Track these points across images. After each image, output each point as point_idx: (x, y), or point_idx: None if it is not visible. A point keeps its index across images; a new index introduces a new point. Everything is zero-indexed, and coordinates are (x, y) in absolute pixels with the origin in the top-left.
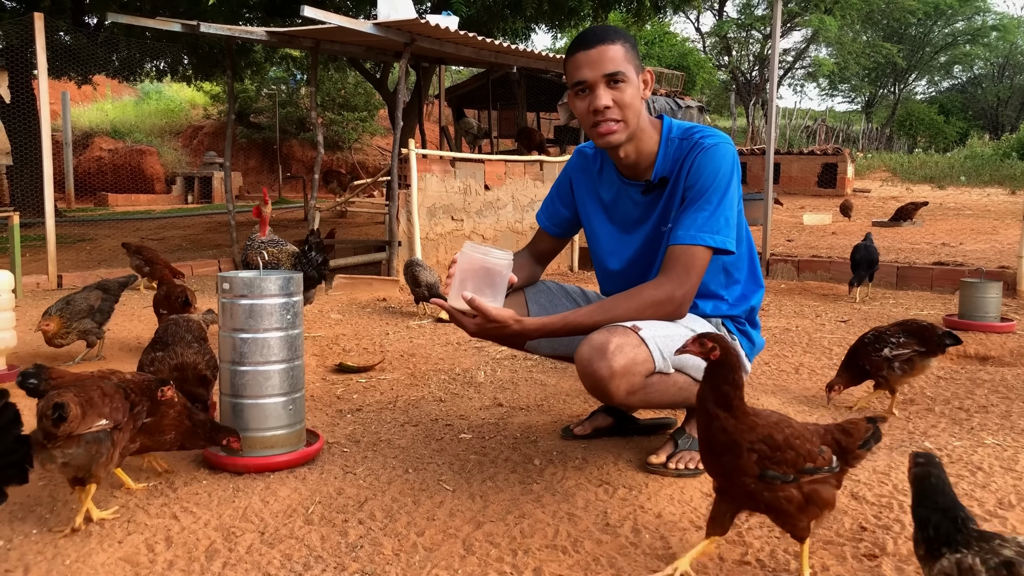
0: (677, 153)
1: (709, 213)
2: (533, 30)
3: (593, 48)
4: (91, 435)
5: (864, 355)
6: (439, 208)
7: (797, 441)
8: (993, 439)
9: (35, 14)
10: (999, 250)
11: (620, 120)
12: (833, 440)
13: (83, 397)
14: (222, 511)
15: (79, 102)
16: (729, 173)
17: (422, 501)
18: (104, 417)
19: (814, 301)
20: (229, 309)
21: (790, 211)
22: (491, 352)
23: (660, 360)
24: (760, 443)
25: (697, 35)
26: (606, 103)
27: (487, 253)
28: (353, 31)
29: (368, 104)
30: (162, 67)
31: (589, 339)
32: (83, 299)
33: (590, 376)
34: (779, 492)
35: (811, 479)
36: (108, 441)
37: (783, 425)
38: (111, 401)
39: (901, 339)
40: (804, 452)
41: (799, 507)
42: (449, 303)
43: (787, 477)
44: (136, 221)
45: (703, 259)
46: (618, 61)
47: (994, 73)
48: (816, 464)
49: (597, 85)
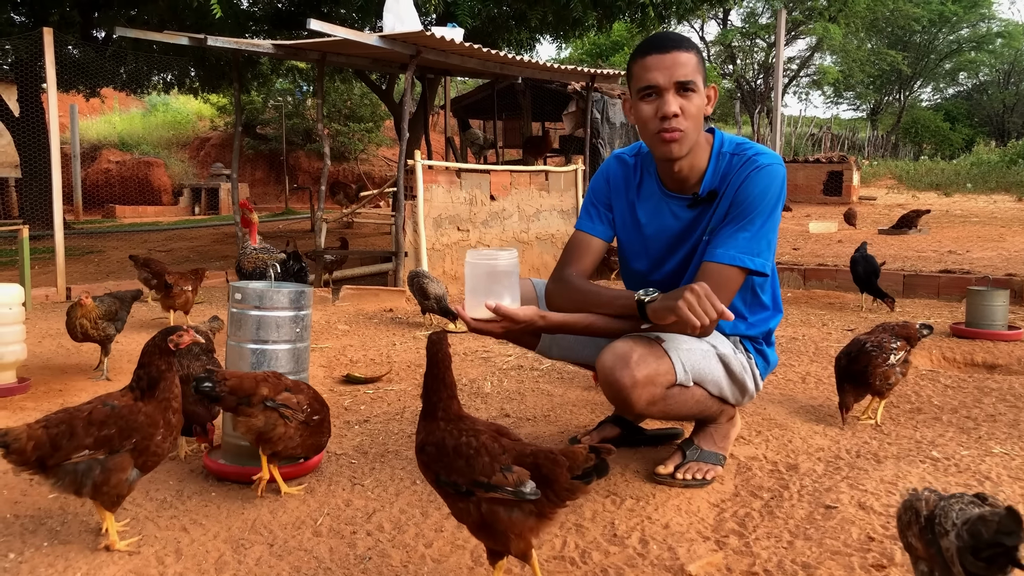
0: (728, 168)
1: (751, 234)
2: (538, 40)
3: (668, 53)
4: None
5: (874, 367)
6: (445, 219)
7: (471, 451)
8: (1001, 448)
9: (44, 29)
10: (1006, 257)
11: (684, 130)
12: (534, 464)
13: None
14: (231, 523)
15: (87, 115)
16: (777, 195)
17: (430, 513)
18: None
19: (820, 310)
20: (239, 319)
21: (796, 219)
22: (497, 362)
23: (682, 373)
24: (431, 445)
25: (702, 44)
26: (675, 110)
27: (494, 257)
28: (359, 43)
29: (374, 115)
30: (169, 79)
31: (612, 347)
32: (111, 302)
33: (612, 384)
34: (458, 503)
35: (488, 496)
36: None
37: (466, 433)
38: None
39: (896, 343)
40: (477, 464)
41: (477, 525)
42: (470, 316)
43: (459, 487)
44: (144, 233)
45: (737, 280)
46: (691, 69)
47: (999, 80)
48: (492, 480)
49: (668, 90)
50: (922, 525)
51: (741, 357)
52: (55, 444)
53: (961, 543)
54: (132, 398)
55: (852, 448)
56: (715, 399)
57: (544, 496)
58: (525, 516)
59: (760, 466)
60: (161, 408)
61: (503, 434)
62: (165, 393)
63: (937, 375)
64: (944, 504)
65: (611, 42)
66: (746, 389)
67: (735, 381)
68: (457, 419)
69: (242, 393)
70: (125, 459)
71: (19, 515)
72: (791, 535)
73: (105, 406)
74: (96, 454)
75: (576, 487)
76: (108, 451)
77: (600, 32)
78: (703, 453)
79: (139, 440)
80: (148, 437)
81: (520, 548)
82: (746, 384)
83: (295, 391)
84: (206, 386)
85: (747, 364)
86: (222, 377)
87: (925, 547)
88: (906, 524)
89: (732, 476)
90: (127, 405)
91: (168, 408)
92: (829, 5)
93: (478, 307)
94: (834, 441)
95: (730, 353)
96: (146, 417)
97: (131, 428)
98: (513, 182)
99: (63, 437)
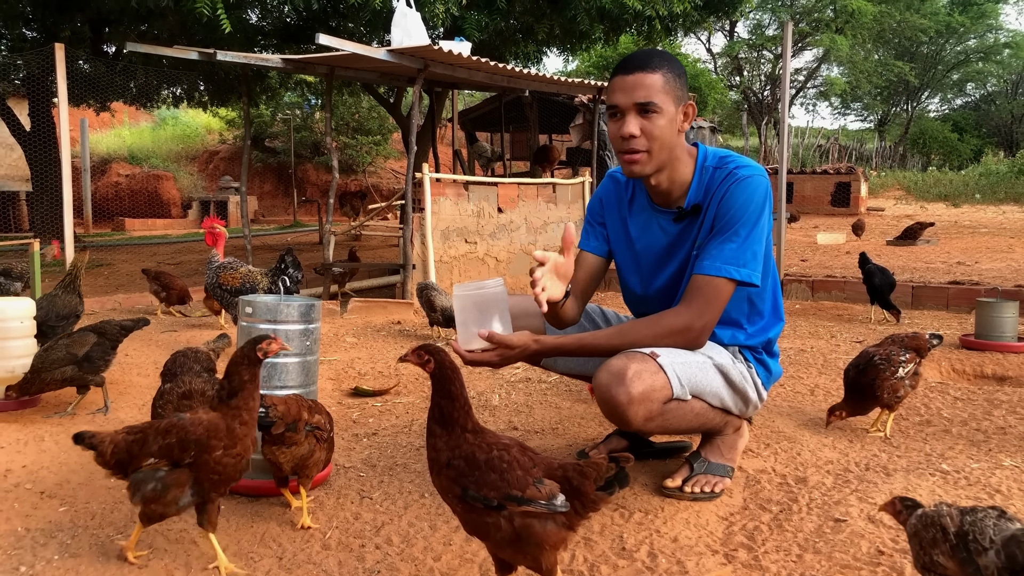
0: (711, 182)
1: (737, 245)
2: (545, 53)
3: (631, 75)
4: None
5: (883, 380)
6: (453, 231)
7: (504, 465)
8: (1012, 461)
9: (56, 45)
10: (1015, 268)
11: (645, 151)
12: (563, 477)
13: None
14: (240, 536)
15: (97, 128)
16: (760, 206)
17: (439, 526)
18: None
19: (829, 321)
20: (248, 333)
21: (804, 230)
22: (505, 375)
23: (678, 387)
24: (459, 460)
25: (708, 56)
26: (632, 131)
27: (480, 287)
28: (367, 58)
29: (382, 128)
30: (179, 93)
31: (607, 364)
32: (64, 346)
33: (608, 402)
34: (486, 519)
35: (522, 510)
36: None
37: (496, 447)
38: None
39: (905, 355)
40: (512, 478)
41: (510, 540)
42: (464, 349)
43: (490, 502)
44: (153, 246)
45: (726, 291)
46: (653, 91)
47: (1007, 90)
48: (526, 494)
49: (628, 112)
50: (953, 543)
51: (741, 367)
52: (130, 451)
53: (1001, 561)
54: (213, 409)
55: (861, 461)
56: (717, 411)
57: (572, 508)
58: (558, 528)
59: (769, 479)
60: (228, 417)
61: (525, 448)
62: (241, 403)
63: (947, 387)
64: (972, 519)
65: (618, 54)
66: (748, 399)
67: (736, 391)
68: (481, 432)
69: (290, 419)
70: (183, 475)
71: (30, 528)
72: (800, 549)
73: (176, 416)
74: (159, 464)
75: (601, 498)
76: (169, 462)
77: (607, 45)
78: (711, 465)
79: (197, 454)
80: (207, 450)
81: (550, 562)
82: (748, 394)
83: (318, 411)
84: (260, 412)
85: (747, 373)
86: (271, 403)
87: (959, 566)
88: (931, 542)
89: (741, 489)
90: (195, 417)
91: (236, 418)
92: (836, 17)
93: (472, 339)
94: (843, 454)
95: (728, 363)
96: (206, 430)
97: (189, 440)
98: (521, 194)
99: (137, 444)
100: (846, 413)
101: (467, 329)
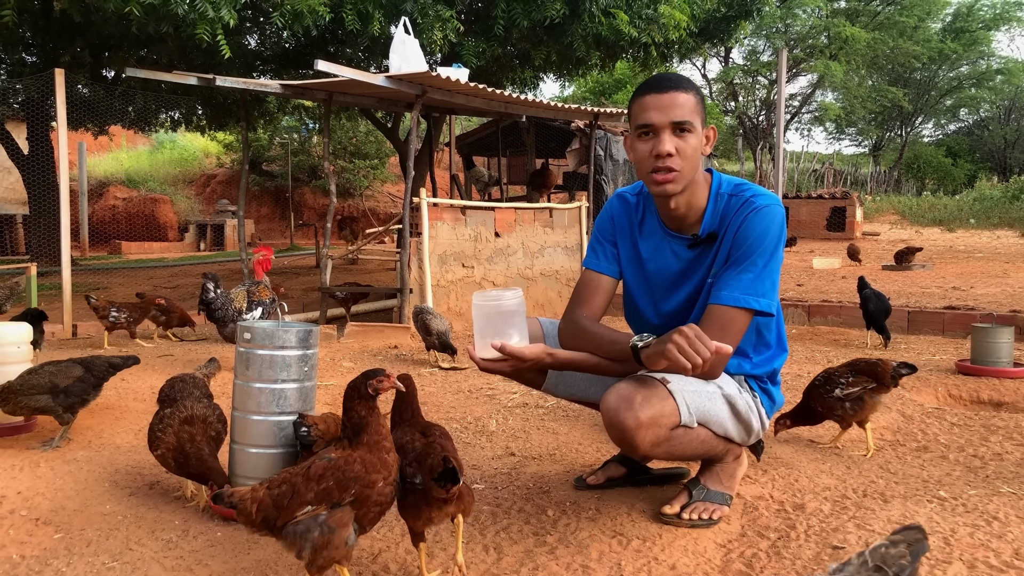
0: (726, 209)
1: (755, 275)
2: (541, 79)
3: (666, 93)
4: None
5: (816, 397)
6: (450, 255)
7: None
8: (1009, 487)
9: (57, 70)
10: (1011, 294)
11: (678, 170)
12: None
13: None
14: (237, 564)
15: (95, 152)
16: (777, 236)
17: (435, 553)
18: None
19: (825, 346)
20: (246, 358)
21: (799, 255)
22: (503, 400)
23: (686, 414)
24: None
25: (704, 81)
26: (669, 149)
27: (499, 298)
28: (366, 84)
29: (379, 152)
30: (177, 117)
31: (616, 388)
32: (48, 373)
33: (616, 426)
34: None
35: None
36: None
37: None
38: None
39: (850, 378)
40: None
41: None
42: (479, 356)
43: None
44: (149, 269)
45: (743, 322)
46: (688, 110)
47: (1000, 116)
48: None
49: (663, 130)
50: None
51: (747, 396)
52: (278, 504)
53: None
54: (345, 448)
55: (859, 487)
56: (720, 439)
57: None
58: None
59: (767, 505)
60: (375, 452)
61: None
62: (374, 436)
63: (943, 413)
64: None
65: (614, 80)
66: (751, 429)
67: (740, 421)
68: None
69: (330, 436)
70: (346, 514)
71: (25, 556)
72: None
73: (322, 459)
74: (318, 509)
75: None
76: (329, 505)
77: (603, 71)
78: (709, 493)
79: (359, 490)
80: (369, 485)
81: None
82: (751, 424)
83: None
84: (303, 431)
85: (752, 404)
86: (313, 421)
87: None
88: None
89: (739, 516)
90: (343, 455)
91: (381, 449)
92: (830, 43)
93: (487, 347)
94: (840, 480)
95: (735, 393)
96: (362, 465)
97: (348, 478)
98: (518, 219)
99: (285, 497)
100: (790, 422)
101: (483, 338)
